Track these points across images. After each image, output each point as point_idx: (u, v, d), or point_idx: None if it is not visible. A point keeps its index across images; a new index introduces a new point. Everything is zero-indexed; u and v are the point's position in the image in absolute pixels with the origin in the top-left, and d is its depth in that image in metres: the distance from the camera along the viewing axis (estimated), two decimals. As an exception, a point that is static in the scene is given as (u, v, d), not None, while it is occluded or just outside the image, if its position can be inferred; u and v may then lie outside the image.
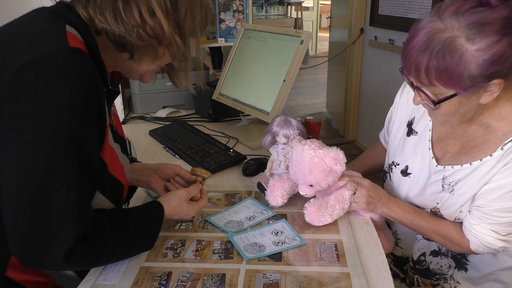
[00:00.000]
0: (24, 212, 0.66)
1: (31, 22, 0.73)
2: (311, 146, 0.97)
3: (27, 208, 0.66)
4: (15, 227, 0.67)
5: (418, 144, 1.06)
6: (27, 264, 0.70)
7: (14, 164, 0.66)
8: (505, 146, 0.87)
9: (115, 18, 0.72)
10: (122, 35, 0.73)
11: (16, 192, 0.66)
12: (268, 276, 0.84)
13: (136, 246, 0.86)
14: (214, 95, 1.69)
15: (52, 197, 0.66)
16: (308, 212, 0.98)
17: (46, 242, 0.68)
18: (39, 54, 0.65)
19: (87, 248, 0.72)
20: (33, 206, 0.66)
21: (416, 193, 1.05)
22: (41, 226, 0.67)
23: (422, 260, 1.11)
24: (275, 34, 1.52)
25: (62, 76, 0.65)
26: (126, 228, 0.81)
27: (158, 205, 0.89)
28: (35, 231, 0.67)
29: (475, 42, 0.76)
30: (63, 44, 0.67)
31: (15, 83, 0.64)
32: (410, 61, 0.81)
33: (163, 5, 0.74)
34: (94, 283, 0.83)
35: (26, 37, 0.68)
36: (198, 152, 1.39)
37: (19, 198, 0.66)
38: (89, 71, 0.69)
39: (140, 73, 0.86)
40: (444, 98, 0.83)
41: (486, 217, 0.90)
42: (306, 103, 5.10)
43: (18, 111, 0.64)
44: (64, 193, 0.67)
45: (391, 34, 3.00)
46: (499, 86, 0.80)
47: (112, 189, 0.84)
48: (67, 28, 0.70)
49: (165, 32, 0.75)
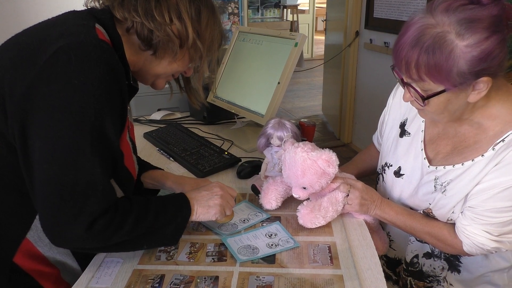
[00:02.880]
0: (52, 184, 0.71)
1: (64, 18, 0.82)
2: (303, 148, 0.97)
3: (55, 180, 0.70)
4: (44, 201, 0.71)
5: (410, 145, 1.06)
6: (55, 239, 0.74)
7: (44, 139, 0.71)
8: (496, 146, 0.88)
9: (146, 15, 0.81)
10: (151, 30, 0.82)
11: (46, 166, 0.71)
12: (262, 278, 0.84)
13: (158, 232, 0.85)
14: (209, 98, 1.69)
15: (78, 172, 0.71)
16: (301, 215, 0.98)
17: (71, 215, 0.71)
18: (72, 42, 0.72)
19: (109, 221, 0.75)
20: (61, 179, 0.70)
21: (409, 194, 1.05)
22: (67, 199, 0.71)
23: (415, 262, 1.11)
24: (269, 37, 1.52)
25: (92, 62, 0.72)
26: (147, 208, 0.83)
27: (182, 195, 0.92)
28: (62, 204, 0.71)
29: (464, 38, 0.77)
30: (94, 35, 0.75)
31: (49, 66, 0.71)
32: (401, 56, 0.82)
33: (189, 11, 0.85)
34: (86, 286, 0.82)
35: (60, 28, 0.76)
36: (192, 154, 1.39)
37: (48, 172, 0.71)
38: (115, 61, 0.76)
39: (155, 75, 0.92)
40: (432, 94, 0.84)
41: (478, 218, 0.91)
42: (302, 106, 5.10)
43: (49, 90, 0.70)
44: (89, 169, 0.72)
45: (386, 37, 3.02)
46: (487, 85, 0.81)
47: (125, 180, 0.89)
48: (96, 25, 0.78)
49: (189, 33, 0.85)
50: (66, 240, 0.74)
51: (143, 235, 0.82)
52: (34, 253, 0.86)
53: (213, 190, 0.95)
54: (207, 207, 0.92)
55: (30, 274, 0.86)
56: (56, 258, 0.89)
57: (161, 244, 0.90)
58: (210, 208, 0.92)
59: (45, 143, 0.71)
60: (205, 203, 0.92)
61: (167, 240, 0.87)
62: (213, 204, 0.93)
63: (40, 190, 0.72)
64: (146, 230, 0.82)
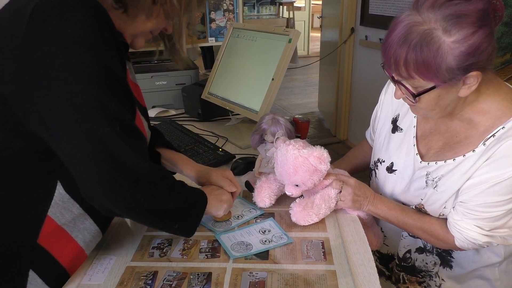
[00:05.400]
0: (89, 142, 0.66)
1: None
2: (295, 146, 0.97)
3: (91, 137, 0.66)
4: (82, 164, 0.67)
5: (403, 140, 1.07)
6: (99, 202, 0.70)
7: (59, 105, 0.66)
8: (487, 141, 0.88)
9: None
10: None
11: (76, 127, 0.66)
12: (255, 274, 0.84)
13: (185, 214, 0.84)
14: (203, 95, 1.69)
15: (110, 123, 0.67)
16: (294, 212, 0.98)
17: (112, 170, 0.67)
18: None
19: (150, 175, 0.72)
20: (96, 134, 0.66)
21: (401, 189, 1.06)
22: (105, 153, 0.67)
23: (408, 257, 1.12)
24: (263, 33, 1.52)
25: (71, 9, 0.66)
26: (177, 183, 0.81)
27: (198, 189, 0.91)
28: (100, 159, 0.67)
29: (451, 34, 0.77)
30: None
31: (30, 31, 0.65)
32: (389, 54, 0.82)
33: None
34: (79, 283, 0.82)
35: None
36: (187, 151, 1.39)
37: (80, 132, 0.66)
38: (96, 4, 0.69)
39: (132, 34, 0.85)
40: (423, 91, 0.84)
41: (469, 213, 0.91)
42: (298, 103, 5.10)
43: (42, 56, 0.65)
44: (119, 118, 0.69)
45: (381, 33, 3.02)
46: (477, 79, 0.81)
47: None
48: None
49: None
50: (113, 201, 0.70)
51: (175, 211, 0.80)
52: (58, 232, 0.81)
53: (221, 188, 0.97)
54: (220, 201, 0.94)
55: (55, 257, 0.81)
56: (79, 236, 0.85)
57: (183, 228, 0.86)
58: (222, 202, 0.95)
59: (63, 108, 0.66)
60: (219, 197, 0.94)
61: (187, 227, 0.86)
62: (225, 199, 0.95)
63: (74, 157, 0.67)
64: (177, 205, 0.80)
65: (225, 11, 2.82)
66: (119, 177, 0.68)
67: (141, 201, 0.72)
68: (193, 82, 1.90)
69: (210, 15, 2.78)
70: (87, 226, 0.85)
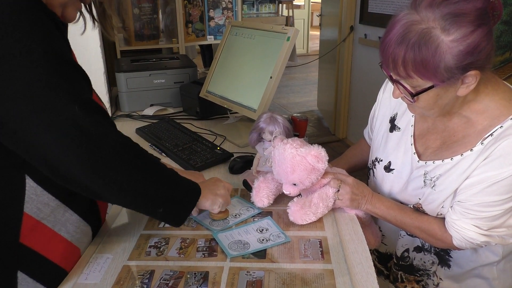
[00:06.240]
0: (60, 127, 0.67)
1: None
2: (292, 145, 0.97)
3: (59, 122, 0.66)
4: (58, 148, 0.67)
5: (400, 139, 1.06)
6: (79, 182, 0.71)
7: (16, 98, 0.64)
8: (485, 140, 0.88)
9: None
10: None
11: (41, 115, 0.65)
12: (252, 273, 0.83)
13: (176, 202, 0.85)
14: (202, 93, 1.68)
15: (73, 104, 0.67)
16: (292, 211, 0.98)
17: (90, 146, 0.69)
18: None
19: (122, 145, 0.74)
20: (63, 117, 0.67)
21: (399, 189, 1.06)
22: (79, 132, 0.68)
23: (406, 256, 1.12)
24: (262, 31, 1.51)
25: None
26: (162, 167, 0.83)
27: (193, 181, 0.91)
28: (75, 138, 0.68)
29: (450, 32, 0.76)
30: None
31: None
32: (388, 53, 0.82)
33: None
34: (75, 282, 0.82)
35: None
36: (184, 150, 1.39)
37: (48, 119, 0.66)
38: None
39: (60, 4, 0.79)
40: (421, 90, 0.83)
41: (467, 212, 0.91)
42: (298, 101, 5.10)
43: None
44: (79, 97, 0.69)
45: (380, 31, 3.01)
46: (475, 78, 0.81)
47: None
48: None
49: None
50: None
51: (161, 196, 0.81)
52: (39, 228, 0.80)
53: (216, 183, 0.97)
54: (215, 195, 0.94)
55: (44, 255, 0.80)
56: (63, 229, 0.83)
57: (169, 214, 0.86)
58: (217, 196, 0.95)
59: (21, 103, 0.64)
60: (214, 191, 0.94)
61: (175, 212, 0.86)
62: (220, 194, 0.95)
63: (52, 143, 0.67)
64: (160, 188, 0.81)
65: (224, 9, 2.81)
66: (98, 150, 0.69)
67: (119, 180, 0.73)
68: (191, 80, 1.90)
69: (209, 13, 2.77)
70: (68, 218, 0.83)
